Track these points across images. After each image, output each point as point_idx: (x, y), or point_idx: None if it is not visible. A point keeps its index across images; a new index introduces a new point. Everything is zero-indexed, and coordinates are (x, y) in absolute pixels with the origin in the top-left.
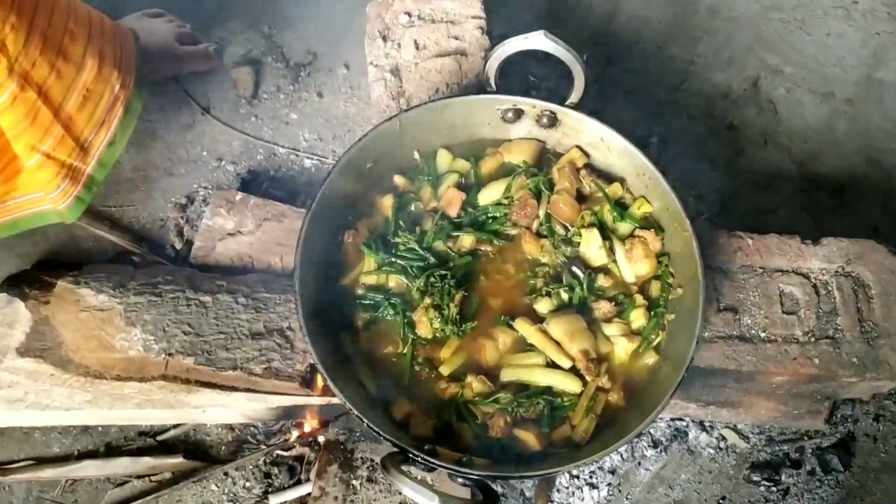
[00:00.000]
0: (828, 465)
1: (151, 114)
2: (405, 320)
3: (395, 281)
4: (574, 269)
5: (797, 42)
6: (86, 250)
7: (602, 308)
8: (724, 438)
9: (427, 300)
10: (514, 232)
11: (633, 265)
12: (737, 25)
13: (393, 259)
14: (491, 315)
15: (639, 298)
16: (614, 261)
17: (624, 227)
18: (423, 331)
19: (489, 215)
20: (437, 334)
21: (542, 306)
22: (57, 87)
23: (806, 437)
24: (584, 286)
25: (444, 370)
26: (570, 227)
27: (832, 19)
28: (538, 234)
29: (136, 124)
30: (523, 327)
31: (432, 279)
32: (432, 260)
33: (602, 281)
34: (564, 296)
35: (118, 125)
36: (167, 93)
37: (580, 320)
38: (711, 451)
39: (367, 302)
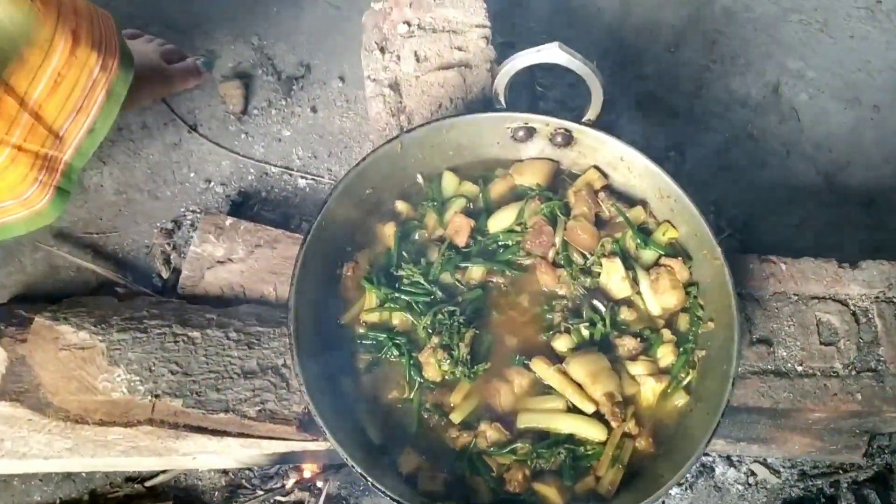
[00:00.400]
0: (865, 501)
1: (134, 132)
2: (411, 362)
3: (399, 318)
4: (595, 301)
5: (819, 45)
6: (66, 281)
7: (626, 345)
8: (753, 474)
9: (435, 339)
10: (528, 262)
11: (659, 297)
12: (754, 28)
13: (396, 294)
14: (505, 354)
15: (666, 333)
16: (638, 292)
17: (648, 255)
18: (431, 373)
19: (500, 244)
20: (447, 377)
21: (561, 344)
22: (20, 74)
23: (841, 471)
24: (607, 321)
25: (455, 417)
26: (589, 256)
27: (855, 21)
28: (554, 265)
29: (118, 113)
30: (541, 368)
31: (440, 316)
32: (439, 294)
33: (625, 314)
34: (585, 332)
35: (99, 111)
36: (151, 110)
37: (603, 359)
38: (740, 487)
39: (369, 342)
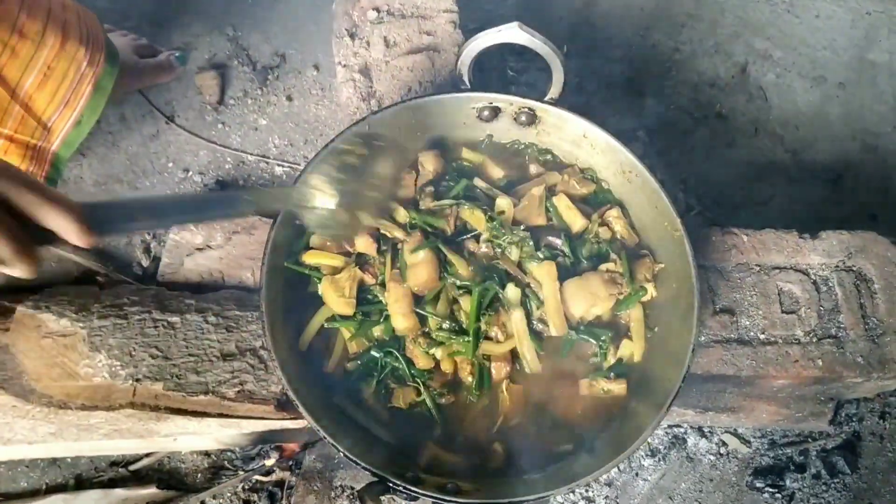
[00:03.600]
0: (834, 468)
1: (112, 124)
2: (406, 362)
3: (378, 330)
4: (550, 238)
5: (785, 25)
6: (48, 272)
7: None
8: (724, 444)
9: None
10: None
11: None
12: (722, 10)
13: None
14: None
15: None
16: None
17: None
18: (423, 363)
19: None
20: (438, 356)
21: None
22: (12, 66)
23: (810, 439)
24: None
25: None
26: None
27: (821, 0)
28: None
29: (105, 103)
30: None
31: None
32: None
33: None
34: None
35: (86, 104)
36: (128, 102)
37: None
38: (712, 457)
39: (362, 372)
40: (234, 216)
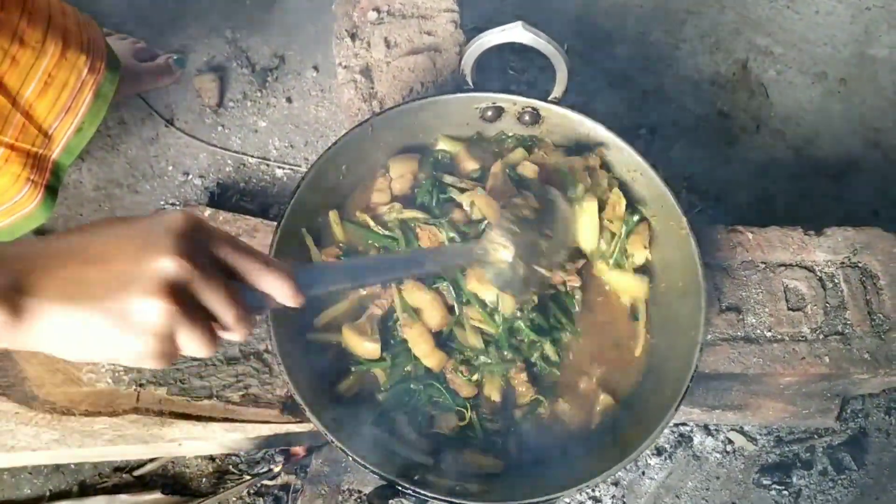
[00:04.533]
0: (840, 464)
1: (111, 128)
2: (450, 393)
3: (410, 366)
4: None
5: (786, 21)
6: None
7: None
8: (730, 442)
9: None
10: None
11: None
12: (722, 6)
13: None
14: None
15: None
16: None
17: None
18: (465, 391)
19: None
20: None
21: None
22: (13, 74)
23: (816, 436)
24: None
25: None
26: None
27: None
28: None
29: (106, 110)
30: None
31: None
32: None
33: None
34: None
35: (87, 111)
36: (127, 105)
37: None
38: (718, 455)
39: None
40: (422, 275)
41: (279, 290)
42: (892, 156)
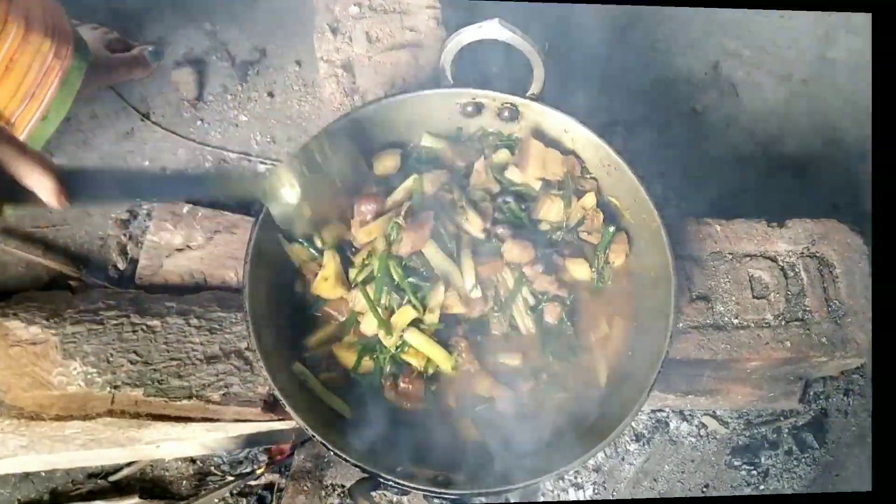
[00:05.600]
0: (804, 444)
1: (82, 122)
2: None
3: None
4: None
5: (753, 25)
6: (15, 277)
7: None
8: (704, 426)
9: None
10: None
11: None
12: (695, 11)
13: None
14: None
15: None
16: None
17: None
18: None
19: None
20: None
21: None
22: None
23: (782, 418)
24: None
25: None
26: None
27: None
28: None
29: (74, 98)
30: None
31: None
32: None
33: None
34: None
35: (52, 98)
36: (99, 99)
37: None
38: (693, 439)
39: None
40: (206, 195)
41: (39, 184)
42: (850, 152)
